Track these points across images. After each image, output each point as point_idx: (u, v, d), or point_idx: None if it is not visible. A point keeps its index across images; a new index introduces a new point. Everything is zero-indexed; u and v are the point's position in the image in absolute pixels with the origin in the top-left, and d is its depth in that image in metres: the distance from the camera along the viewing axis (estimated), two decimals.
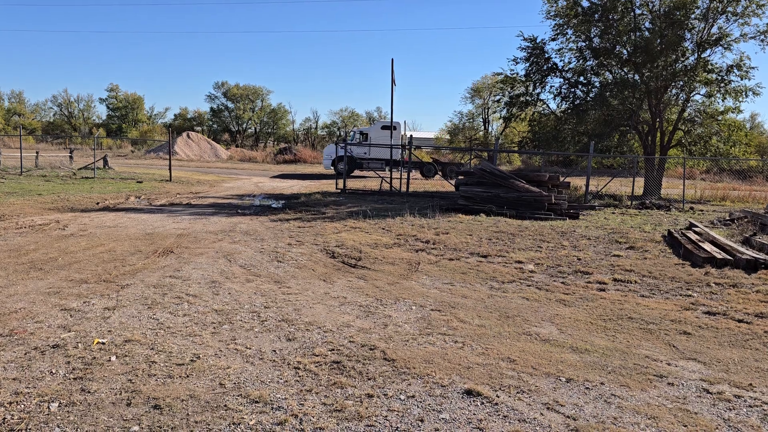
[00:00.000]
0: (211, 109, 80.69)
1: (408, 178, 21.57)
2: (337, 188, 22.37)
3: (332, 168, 33.25)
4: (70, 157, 32.59)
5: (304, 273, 8.06)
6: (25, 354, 4.71)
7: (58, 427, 3.60)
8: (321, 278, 7.80)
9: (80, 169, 27.25)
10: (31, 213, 12.99)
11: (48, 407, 3.83)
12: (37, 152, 31.79)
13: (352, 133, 35.45)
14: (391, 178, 22.33)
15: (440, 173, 32.66)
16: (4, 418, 3.66)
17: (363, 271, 8.35)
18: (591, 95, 23.94)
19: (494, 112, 59.84)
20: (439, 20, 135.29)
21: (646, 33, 22.44)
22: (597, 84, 24.31)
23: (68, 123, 79.49)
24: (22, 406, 3.84)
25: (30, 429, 3.56)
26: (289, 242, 10.33)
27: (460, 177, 18.31)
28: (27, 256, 8.37)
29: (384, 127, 33.71)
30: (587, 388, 4.50)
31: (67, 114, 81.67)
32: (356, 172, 33.64)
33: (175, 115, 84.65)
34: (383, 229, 12.21)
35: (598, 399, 4.31)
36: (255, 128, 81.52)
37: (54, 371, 4.40)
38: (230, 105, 79.56)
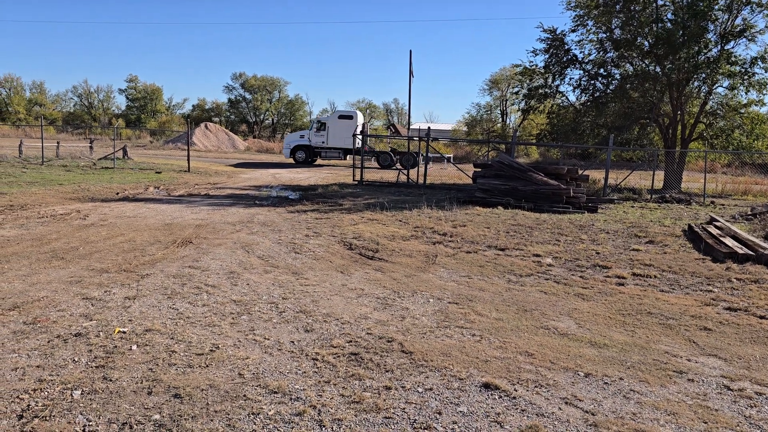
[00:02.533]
0: (229, 100, 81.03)
1: (426, 170, 21.51)
2: (354, 180, 22.38)
3: (291, 157, 34.69)
4: (90, 147, 32.93)
5: (322, 264, 8.09)
6: (48, 342, 4.79)
7: (81, 414, 3.66)
8: (338, 270, 7.82)
9: (100, 159, 27.53)
10: (52, 202, 13.16)
11: (71, 395, 3.90)
12: (58, 142, 32.15)
13: (312, 122, 36.28)
14: (408, 171, 22.27)
15: (399, 163, 33.00)
16: (29, 405, 3.73)
17: (380, 263, 8.36)
18: (611, 87, 23.66)
19: (512, 104, 59.40)
20: (458, 12, 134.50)
21: (669, 24, 22.08)
22: (617, 76, 24.01)
23: (88, 113, 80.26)
24: (46, 393, 3.91)
25: (54, 416, 3.62)
26: (307, 234, 10.37)
27: (477, 169, 18.23)
28: (49, 245, 8.49)
29: (341, 117, 34.62)
30: (606, 383, 4.47)
31: (87, 104, 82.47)
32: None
33: (193, 106, 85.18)
34: (400, 221, 12.21)
35: (616, 394, 4.28)
36: (272, 119, 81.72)
37: (76, 359, 4.47)
38: (248, 96, 79.81)
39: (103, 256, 7.95)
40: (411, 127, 46.92)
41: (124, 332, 5.07)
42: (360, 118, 35.77)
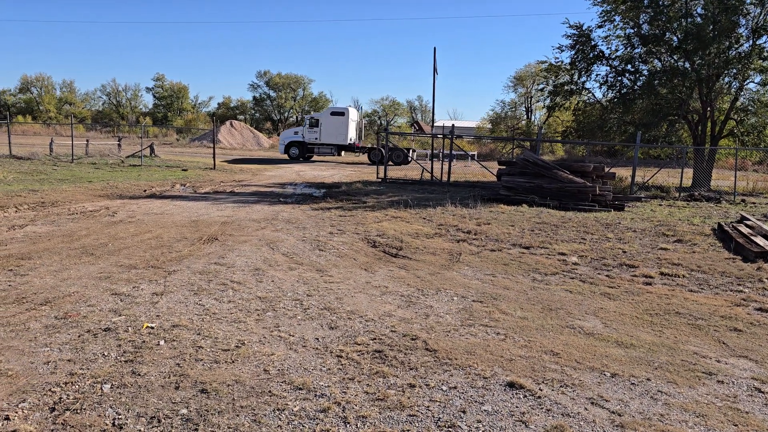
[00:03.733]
0: (254, 98, 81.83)
1: (449, 168, 21.43)
2: (377, 177, 22.40)
3: (285, 153, 35.37)
4: (119, 145, 33.47)
5: (346, 262, 8.12)
6: (79, 336, 4.89)
7: (111, 408, 3.73)
8: (362, 267, 7.84)
9: (128, 156, 27.96)
10: (82, 199, 13.41)
11: (101, 388, 3.97)
12: (87, 140, 32.72)
13: (305, 119, 36.61)
14: (432, 168, 22.22)
15: (390, 159, 33.52)
16: (60, 398, 3.81)
17: (404, 260, 8.36)
18: (639, 84, 23.27)
19: (537, 101, 58.98)
20: (483, 8, 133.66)
21: (698, 19, 21.66)
22: (645, 72, 23.61)
23: (116, 112, 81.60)
24: (77, 386, 3.99)
25: (85, 409, 3.69)
26: (331, 231, 10.41)
27: (501, 167, 18.11)
28: (79, 241, 8.65)
29: (333, 113, 35.07)
30: (633, 383, 4.42)
31: (115, 103, 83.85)
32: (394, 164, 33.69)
33: (218, 104, 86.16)
34: (424, 218, 12.19)
35: (644, 395, 4.23)
36: (296, 117, 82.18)
37: (106, 354, 4.55)
38: (272, 94, 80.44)
39: (132, 252, 8.08)
40: (435, 124, 46.79)
41: (152, 328, 5.15)
42: (353, 115, 36.32)
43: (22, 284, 6.30)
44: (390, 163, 33.54)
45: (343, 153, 35.89)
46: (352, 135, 35.49)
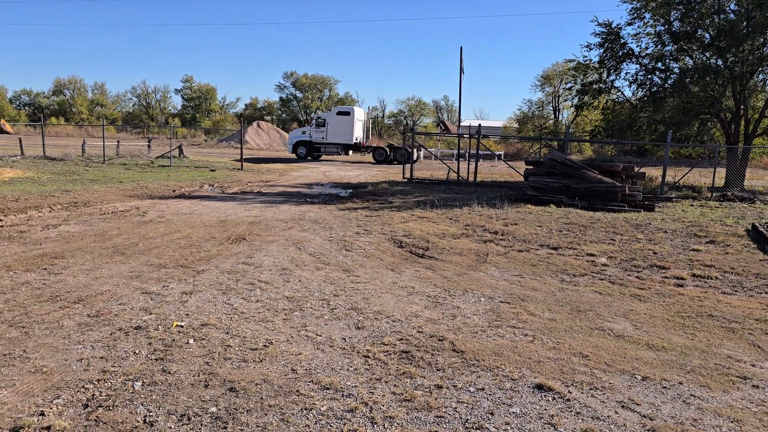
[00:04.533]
0: (280, 98, 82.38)
1: (476, 168, 21.32)
2: (403, 177, 22.38)
3: (293, 153, 36.11)
4: (148, 146, 34.00)
5: (372, 262, 8.13)
6: (111, 334, 4.98)
7: (142, 405, 3.78)
8: (389, 267, 7.84)
9: (157, 157, 28.38)
10: (113, 200, 13.65)
11: (132, 386, 4.03)
12: (118, 141, 33.30)
13: (313, 118, 37.25)
14: (458, 168, 22.12)
15: (392, 157, 34.85)
16: (93, 395, 3.88)
17: (430, 261, 8.34)
18: (669, 82, 22.85)
19: (565, 100, 58.26)
20: (509, 6, 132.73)
21: (731, 15, 21.17)
22: (676, 70, 23.17)
23: (146, 113, 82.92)
24: (109, 383, 4.06)
25: (117, 406, 3.76)
26: (357, 231, 10.44)
27: (529, 167, 17.95)
28: (110, 240, 8.81)
29: (339, 113, 35.73)
30: (664, 387, 4.34)
31: (145, 104, 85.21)
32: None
33: (245, 104, 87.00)
34: (450, 219, 12.14)
35: (676, 399, 4.15)
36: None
37: (137, 351, 4.63)
38: (299, 94, 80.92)
39: (161, 251, 8.20)
40: (461, 124, 46.60)
41: (181, 326, 5.21)
42: (359, 114, 36.79)
43: (56, 283, 6.44)
44: (395, 162, 34.35)
45: (351, 152, 36.56)
46: (358, 134, 36.06)
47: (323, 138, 35.26)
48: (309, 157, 35.75)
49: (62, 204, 12.47)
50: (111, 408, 3.72)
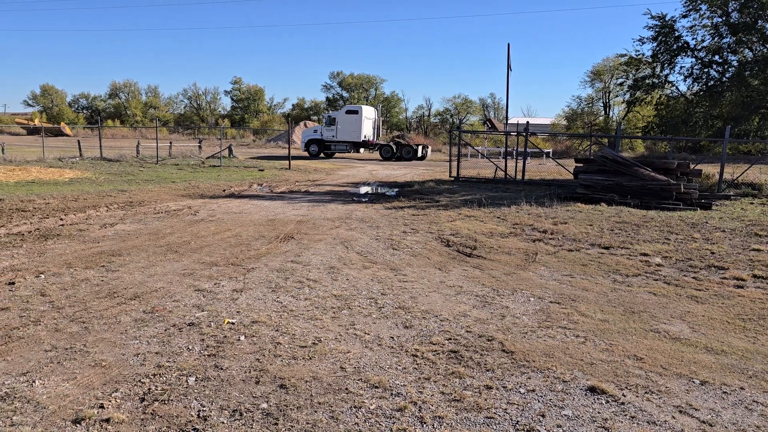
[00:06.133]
0: (327, 98, 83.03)
1: (524, 166, 21.02)
2: (450, 176, 22.26)
3: (306, 151, 37.20)
4: (199, 146, 34.86)
5: (420, 261, 8.10)
6: (165, 330, 5.11)
7: (196, 399, 3.87)
8: (436, 267, 7.80)
9: (208, 158, 29.03)
10: (166, 199, 14.03)
11: (186, 381, 4.13)
12: (170, 143, 34.24)
13: (324, 117, 38.35)
14: (505, 166, 21.85)
15: (399, 154, 36.24)
16: (149, 389, 3.99)
17: (478, 260, 8.26)
18: (727, 75, 22.06)
19: (616, 96, 56.93)
20: (557, 2, 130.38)
21: None
22: (734, 63, 22.36)
23: (197, 114, 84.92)
24: (164, 378, 4.16)
25: (172, 400, 3.85)
26: (404, 230, 10.43)
27: (578, 164, 17.58)
28: (164, 239, 9.05)
29: (348, 112, 36.86)
30: (725, 392, 4.18)
31: (195, 106, 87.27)
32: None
33: (293, 105, 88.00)
34: (498, 217, 12.01)
35: (737, 405, 3.99)
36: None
37: (190, 347, 4.74)
38: (345, 94, 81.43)
39: (213, 250, 8.37)
40: (508, 121, 46.08)
41: (232, 323, 5.31)
42: (368, 113, 37.70)
43: (113, 279, 6.65)
44: (403, 159, 35.45)
45: (362, 150, 37.67)
46: (366, 132, 36.94)
47: (333, 136, 36.32)
48: (321, 155, 36.88)
49: (118, 203, 12.88)
50: (166, 402, 3.82)
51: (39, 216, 10.89)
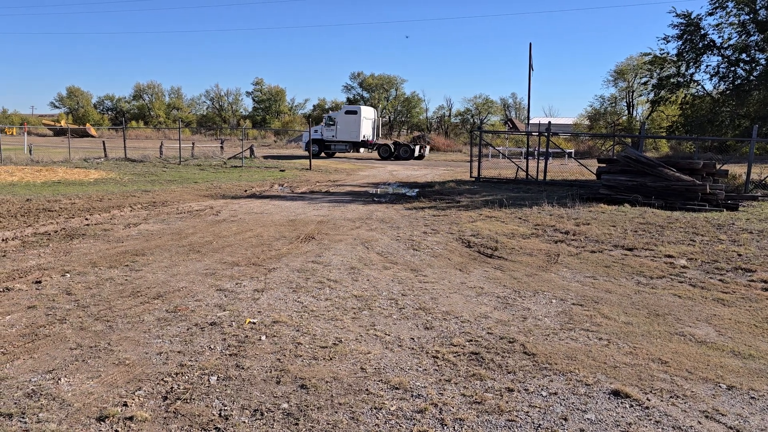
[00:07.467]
0: (348, 99, 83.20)
1: (546, 166, 20.85)
2: (471, 176, 22.16)
3: (306, 150, 36.80)
4: (221, 147, 35.20)
5: (440, 262, 8.08)
6: (188, 330, 5.15)
7: (218, 399, 3.89)
8: (457, 267, 7.77)
9: (229, 158, 29.27)
10: (188, 199, 14.17)
11: (208, 380, 4.16)
12: (192, 143, 34.63)
13: (324, 118, 38.94)
14: (527, 166, 21.70)
15: (397, 154, 37.07)
16: (172, 388, 4.03)
17: (499, 261, 8.20)
18: (755, 74, 21.67)
19: (640, 95, 56.21)
20: (580, 1, 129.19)
21: None
22: (762, 61, 21.95)
23: (219, 116, 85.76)
24: (186, 377, 4.20)
25: (194, 399, 3.88)
26: (425, 230, 10.40)
27: (601, 165, 17.39)
28: (186, 239, 9.14)
29: (347, 112, 37.72)
30: (752, 397, 4.09)
31: (217, 107, 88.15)
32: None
33: (313, 105, 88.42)
34: (519, 218, 11.92)
35: (765, 410, 3.91)
36: (389, 117, 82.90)
37: (212, 347, 4.77)
38: (365, 95, 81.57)
39: (234, 250, 8.43)
40: (530, 121, 45.72)
41: (254, 323, 5.34)
42: (367, 113, 38.38)
43: (137, 279, 6.73)
44: (401, 158, 36.14)
45: (361, 150, 38.18)
46: (365, 132, 37.61)
47: (333, 136, 37.01)
48: (322, 154, 37.34)
49: (142, 204, 13.04)
50: (188, 401, 3.85)
51: (65, 216, 11.07)
